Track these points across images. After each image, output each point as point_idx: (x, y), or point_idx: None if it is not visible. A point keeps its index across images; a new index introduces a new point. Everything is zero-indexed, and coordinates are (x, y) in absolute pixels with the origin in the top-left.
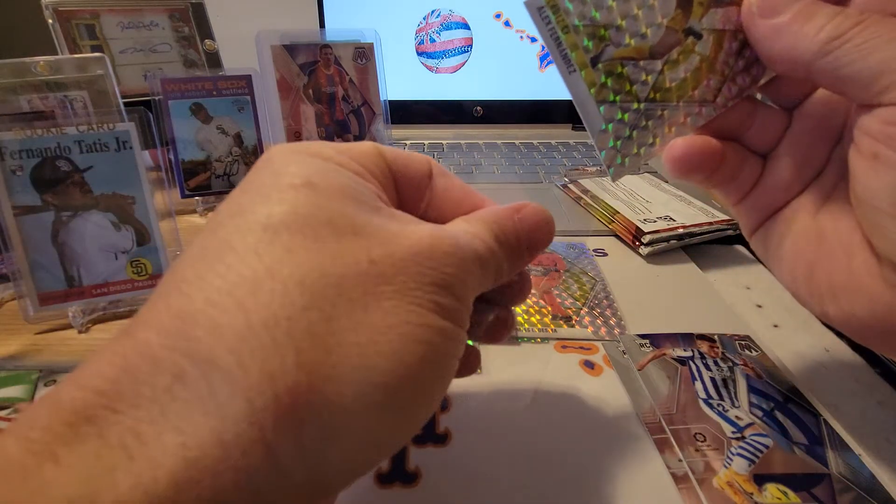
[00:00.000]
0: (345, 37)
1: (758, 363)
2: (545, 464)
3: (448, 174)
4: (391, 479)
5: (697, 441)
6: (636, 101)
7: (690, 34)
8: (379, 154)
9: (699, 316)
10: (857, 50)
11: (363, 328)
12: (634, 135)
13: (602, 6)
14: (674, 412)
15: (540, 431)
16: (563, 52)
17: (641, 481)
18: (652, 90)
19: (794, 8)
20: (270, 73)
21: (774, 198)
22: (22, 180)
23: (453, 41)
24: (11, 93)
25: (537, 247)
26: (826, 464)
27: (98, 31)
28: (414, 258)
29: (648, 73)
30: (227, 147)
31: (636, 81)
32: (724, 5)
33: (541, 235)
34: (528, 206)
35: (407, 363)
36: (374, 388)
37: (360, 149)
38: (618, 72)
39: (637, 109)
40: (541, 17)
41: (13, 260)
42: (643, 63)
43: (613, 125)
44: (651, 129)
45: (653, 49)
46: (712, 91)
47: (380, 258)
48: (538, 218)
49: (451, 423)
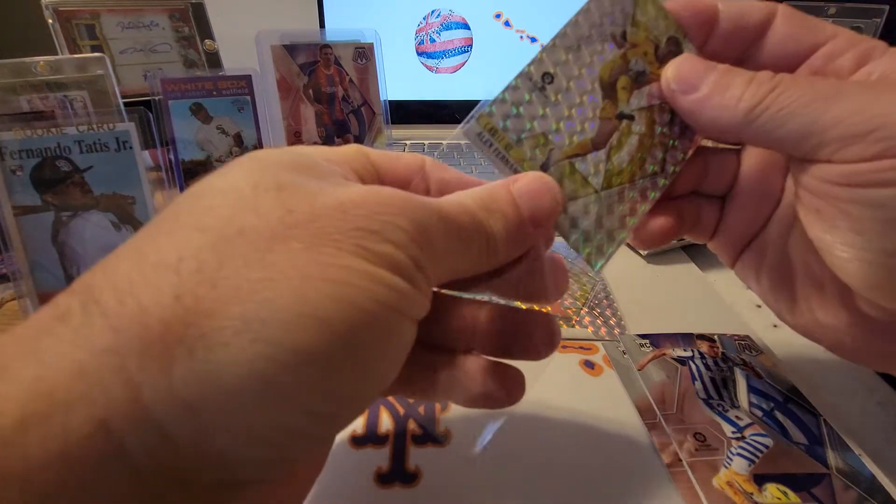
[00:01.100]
0: (345, 37)
1: (758, 363)
2: (545, 464)
3: (445, 168)
4: (391, 479)
5: (697, 441)
6: (594, 192)
7: (623, 118)
8: (361, 153)
9: (699, 316)
10: (778, 117)
11: (260, 265)
12: (604, 223)
13: (536, 116)
14: (674, 412)
15: (540, 431)
16: (513, 168)
17: (641, 481)
18: (605, 179)
19: (709, 81)
20: (270, 73)
21: (740, 235)
22: (22, 180)
23: (453, 41)
24: (11, 93)
25: (541, 217)
26: (826, 464)
27: (98, 31)
28: (340, 206)
29: (597, 163)
30: (228, 147)
31: (588, 174)
32: (645, 84)
33: (543, 203)
34: (525, 175)
35: (313, 302)
36: (266, 322)
37: (343, 150)
38: (569, 172)
39: (598, 199)
40: (482, 143)
41: (13, 260)
42: (590, 157)
43: (581, 224)
44: (617, 213)
45: (594, 141)
46: (659, 162)
47: (298, 207)
48: (537, 184)
49: (451, 423)
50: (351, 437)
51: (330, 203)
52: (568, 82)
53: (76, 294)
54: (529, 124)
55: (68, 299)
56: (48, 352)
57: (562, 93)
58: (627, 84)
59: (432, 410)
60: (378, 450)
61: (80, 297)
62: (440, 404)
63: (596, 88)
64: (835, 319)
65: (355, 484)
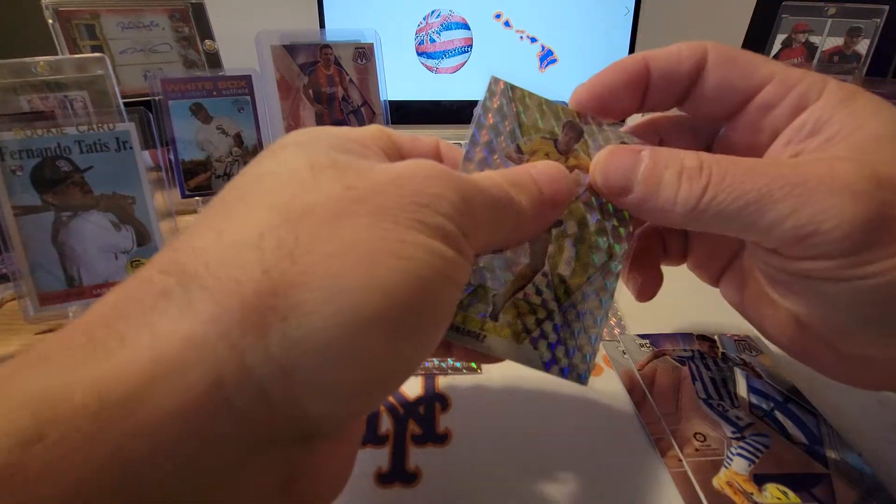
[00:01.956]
0: (345, 37)
1: (758, 363)
2: (545, 464)
3: (457, 149)
4: (391, 479)
5: (697, 441)
6: (550, 314)
7: (552, 228)
8: (384, 133)
9: (699, 316)
10: (716, 219)
11: (333, 240)
12: (578, 337)
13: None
14: (674, 412)
15: (540, 431)
16: (466, 332)
17: (641, 481)
18: (555, 295)
19: (639, 179)
20: (270, 74)
21: (710, 260)
22: (22, 180)
23: (453, 41)
24: (11, 93)
25: (558, 199)
26: (826, 464)
27: (98, 31)
28: (394, 181)
29: (542, 285)
30: (228, 147)
31: (539, 299)
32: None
33: (560, 185)
34: (540, 161)
35: (380, 276)
36: (343, 293)
37: (366, 130)
38: (519, 308)
39: (559, 316)
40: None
41: (13, 260)
42: (535, 281)
43: (552, 353)
44: (583, 321)
45: (533, 266)
46: (605, 250)
47: (356, 184)
48: (553, 170)
49: (451, 423)
50: None
51: (383, 178)
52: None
53: (171, 273)
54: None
55: (164, 278)
56: (159, 324)
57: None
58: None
59: (432, 410)
60: (378, 450)
61: (176, 276)
62: (440, 404)
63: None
64: (815, 346)
65: (355, 484)
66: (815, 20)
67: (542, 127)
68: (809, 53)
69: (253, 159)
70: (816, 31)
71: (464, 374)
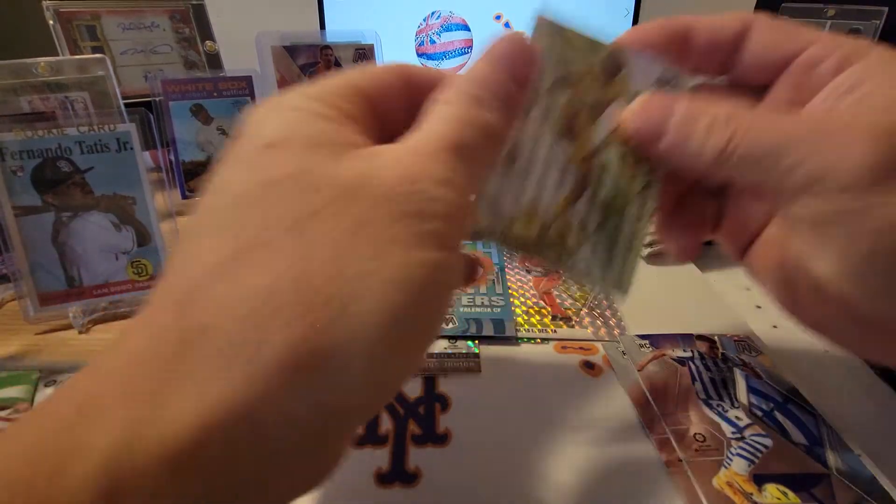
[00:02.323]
0: (345, 38)
1: (758, 363)
2: (545, 464)
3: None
4: (391, 479)
5: (697, 441)
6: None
7: (597, 152)
8: (354, 91)
9: (699, 316)
10: (741, 164)
11: (340, 267)
12: (614, 254)
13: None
14: (674, 412)
15: (540, 432)
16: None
17: (641, 481)
18: (600, 214)
19: (670, 129)
20: (271, 74)
21: (740, 229)
22: (22, 181)
23: (453, 43)
24: (12, 93)
25: (521, 78)
26: (826, 464)
27: (99, 32)
28: (385, 195)
29: (589, 203)
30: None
31: (583, 219)
32: (604, 109)
33: (520, 63)
34: (498, 41)
35: (389, 297)
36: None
37: (335, 91)
38: (567, 227)
39: (599, 236)
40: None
41: (13, 260)
42: (581, 201)
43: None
44: (622, 239)
45: (579, 186)
46: (646, 173)
47: (352, 209)
48: (508, 45)
49: (451, 423)
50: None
51: (375, 193)
52: (529, 151)
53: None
54: (512, 206)
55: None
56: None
57: (529, 162)
58: (587, 119)
59: (432, 410)
60: (378, 450)
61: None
62: (440, 404)
63: (557, 140)
64: (836, 317)
65: (355, 484)
66: (815, 22)
67: (586, 58)
68: None
69: (229, 160)
70: None
71: (464, 374)
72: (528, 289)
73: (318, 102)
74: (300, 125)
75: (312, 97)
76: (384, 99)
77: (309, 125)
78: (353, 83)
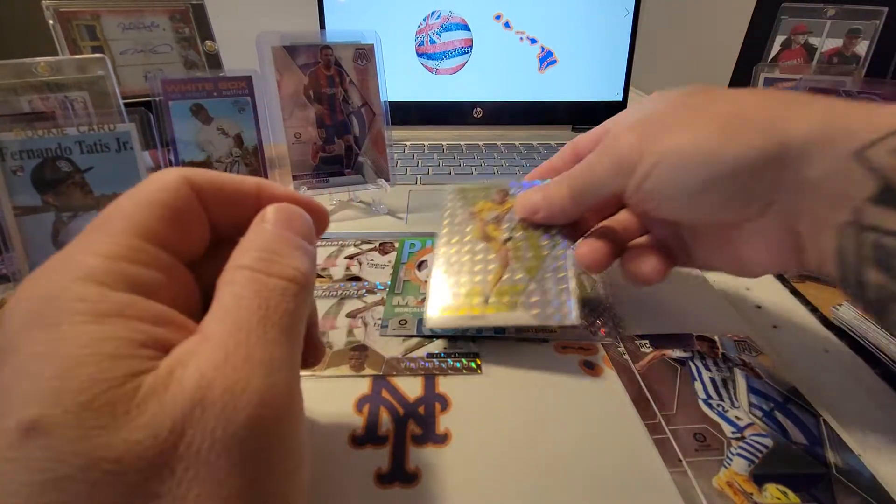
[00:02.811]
0: (345, 38)
1: (758, 364)
2: (545, 464)
3: (277, 186)
4: (391, 479)
5: (697, 441)
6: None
7: (508, 241)
8: (141, 232)
9: (699, 316)
10: (583, 197)
11: None
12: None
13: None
14: (673, 412)
15: (540, 432)
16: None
17: (641, 481)
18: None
19: (542, 205)
20: (271, 74)
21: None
22: (22, 181)
23: (453, 42)
24: (12, 93)
25: (306, 235)
26: (826, 464)
27: (99, 31)
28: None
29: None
30: (228, 148)
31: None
32: (503, 220)
33: (297, 223)
34: (267, 210)
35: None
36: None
37: (120, 250)
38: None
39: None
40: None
41: (13, 260)
42: (508, 271)
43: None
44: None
45: (503, 265)
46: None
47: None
48: (285, 213)
49: (451, 423)
50: (351, 438)
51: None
52: (460, 255)
53: None
54: (459, 287)
55: None
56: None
57: (462, 260)
58: (494, 227)
59: (432, 410)
60: (378, 450)
61: None
62: (440, 404)
63: (478, 243)
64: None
65: (355, 484)
66: (815, 21)
67: (483, 196)
68: (809, 55)
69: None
70: (816, 33)
71: (464, 374)
72: None
73: (97, 300)
74: (73, 373)
75: (95, 278)
76: (217, 201)
77: (83, 364)
78: (137, 224)
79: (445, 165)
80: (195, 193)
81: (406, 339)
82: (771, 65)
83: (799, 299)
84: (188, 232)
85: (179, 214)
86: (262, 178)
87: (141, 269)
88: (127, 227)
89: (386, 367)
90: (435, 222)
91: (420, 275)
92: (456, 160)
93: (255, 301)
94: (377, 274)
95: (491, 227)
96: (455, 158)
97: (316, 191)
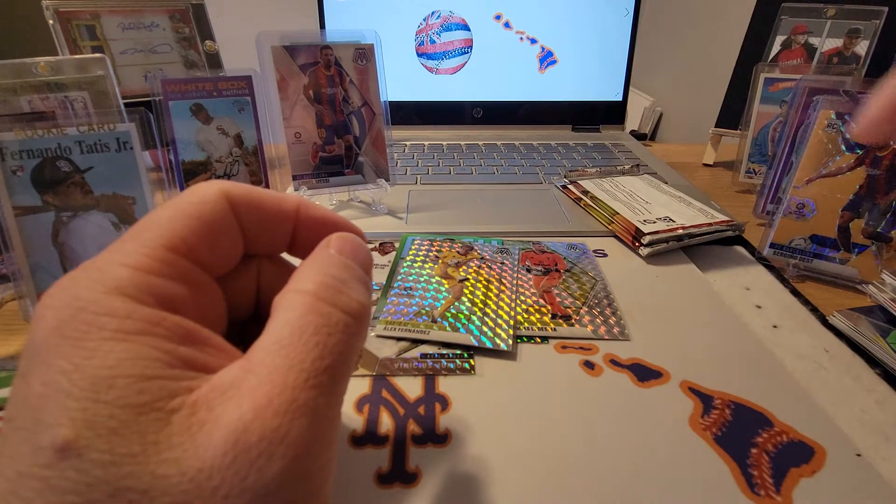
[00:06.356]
0: (345, 38)
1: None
2: (545, 464)
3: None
4: (391, 479)
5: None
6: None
7: (462, 281)
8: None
9: (699, 316)
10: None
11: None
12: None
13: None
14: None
15: (539, 432)
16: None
17: (641, 481)
18: (476, 307)
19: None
20: (271, 74)
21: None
22: (22, 181)
23: (453, 42)
24: (12, 93)
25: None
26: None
27: (99, 31)
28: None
29: (469, 305)
30: (228, 148)
31: (465, 309)
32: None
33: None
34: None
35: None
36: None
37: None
38: (452, 312)
39: (479, 313)
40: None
41: (13, 260)
42: (459, 303)
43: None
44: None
45: (456, 297)
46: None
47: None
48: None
49: (451, 423)
50: (351, 438)
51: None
52: (421, 288)
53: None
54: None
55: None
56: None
57: (420, 291)
58: (454, 268)
59: (432, 410)
60: (378, 450)
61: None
62: (440, 404)
63: (437, 279)
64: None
65: (355, 484)
66: (815, 21)
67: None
68: (809, 55)
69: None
70: (816, 33)
71: (458, 374)
72: (528, 287)
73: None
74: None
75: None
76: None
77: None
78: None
79: (445, 165)
80: (232, 208)
81: (398, 340)
82: (771, 65)
83: (799, 299)
84: (222, 247)
85: (215, 229)
86: (302, 197)
87: (172, 283)
88: (162, 240)
89: (380, 367)
90: (435, 222)
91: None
92: (456, 160)
93: (314, 338)
94: (377, 274)
95: (452, 267)
96: (455, 158)
97: (316, 191)
